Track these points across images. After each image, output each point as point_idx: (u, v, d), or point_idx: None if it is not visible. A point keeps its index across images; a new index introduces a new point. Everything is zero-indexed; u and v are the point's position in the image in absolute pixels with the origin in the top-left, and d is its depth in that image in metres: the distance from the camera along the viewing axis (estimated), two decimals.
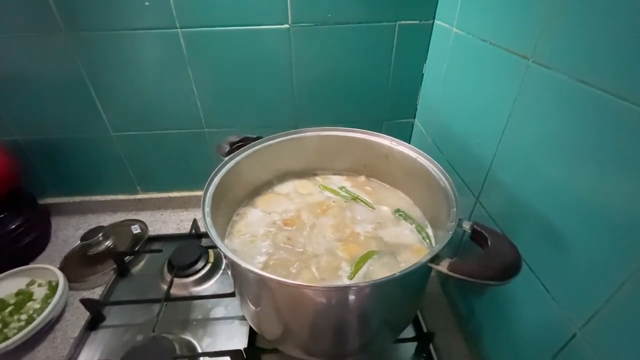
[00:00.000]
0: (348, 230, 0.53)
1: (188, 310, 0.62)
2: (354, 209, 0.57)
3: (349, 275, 0.46)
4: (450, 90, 0.59)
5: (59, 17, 0.60)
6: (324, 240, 0.51)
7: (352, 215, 0.56)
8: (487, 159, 0.47)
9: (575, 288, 0.33)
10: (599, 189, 0.30)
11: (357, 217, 0.56)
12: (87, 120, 0.72)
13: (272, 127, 0.64)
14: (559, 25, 0.34)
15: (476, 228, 0.38)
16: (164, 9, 0.60)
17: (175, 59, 0.65)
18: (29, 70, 0.66)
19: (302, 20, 0.62)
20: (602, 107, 0.29)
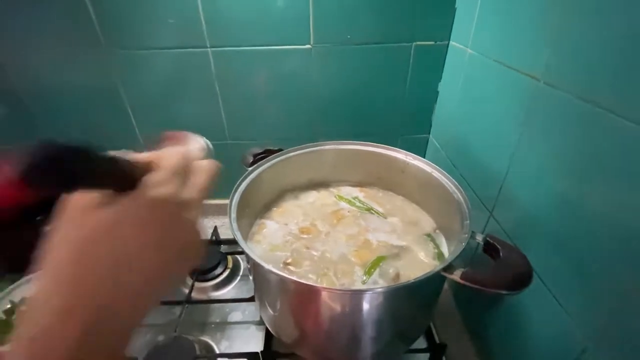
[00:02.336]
0: (362, 238, 0.55)
1: (207, 314, 0.64)
2: (367, 219, 0.59)
3: (363, 280, 0.47)
4: (465, 108, 0.62)
5: (101, 34, 0.66)
6: (339, 247, 0.53)
7: (366, 224, 0.58)
8: (500, 174, 0.49)
9: (587, 301, 0.34)
10: (608, 204, 0.32)
11: (370, 226, 0.58)
12: (120, 130, 0.77)
13: (292, 140, 0.67)
14: (567, 48, 0.36)
15: (489, 240, 0.39)
16: (197, 31, 0.65)
17: (204, 76, 0.70)
18: (69, 83, 0.72)
19: (323, 41, 0.67)
20: (609, 128, 0.31)
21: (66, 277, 0.19)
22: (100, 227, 0.20)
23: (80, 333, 0.18)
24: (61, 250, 0.20)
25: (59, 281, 0.19)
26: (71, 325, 0.18)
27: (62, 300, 0.19)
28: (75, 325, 0.18)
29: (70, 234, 0.20)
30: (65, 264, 0.20)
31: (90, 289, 0.19)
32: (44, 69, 0.70)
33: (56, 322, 0.18)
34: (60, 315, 0.18)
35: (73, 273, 0.19)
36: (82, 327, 0.18)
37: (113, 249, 0.20)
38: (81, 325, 0.18)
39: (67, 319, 0.18)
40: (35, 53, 0.68)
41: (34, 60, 0.69)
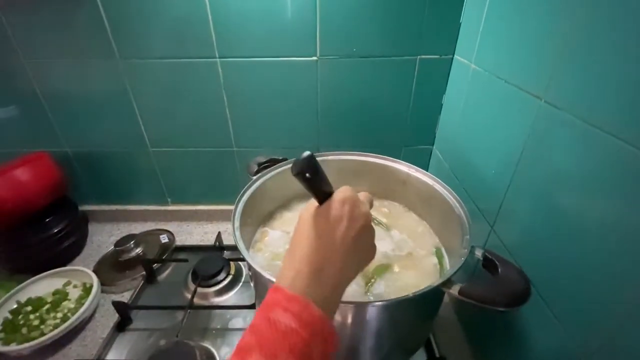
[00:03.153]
0: None
1: (208, 319, 0.65)
2: None
3: (365, 289, 0.48)
4: (468, 121, 0.62)
5: (115, 45, 0.69)
6: None
7: None
8: (502, 189, 0.49)
9: (584, 317, 0.34)
10: (608, 224, 0.32)
11: None
12: (129, 136, 0.79)
13: (296, 149, 0.68)
14: (568, 69, 0.37)
15: (487, 256, 0.40)
16: (207, 42, 0.67)
17: (212, 85, 0.72)
18: (83, 90, 0.75)
19: (329, 54, 0.68)
20: (609, 150, 0.31)
21: (308, 252, 0.31)
22: (319, 217, 0.32)
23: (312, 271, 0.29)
24: (301, 237, 0.32)
25: (305, 255, 0.30)
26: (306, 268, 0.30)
27: (310, 267, 0.29)
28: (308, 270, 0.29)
29: (304, 226, 0.32)
30: (305, 245, 0.31)
31: (316, 246, 0.31)
32: (62, 76, 0.73)
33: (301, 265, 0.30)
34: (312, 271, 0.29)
35: (312, 247, 0.31)
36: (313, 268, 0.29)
37: (325, 221, 0.32)
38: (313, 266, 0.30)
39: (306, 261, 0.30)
40: (56, 61, 0.71)
41: (54, 68, 0.72)
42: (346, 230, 0.31)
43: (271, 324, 0.26)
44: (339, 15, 0.64)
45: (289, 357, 0.25)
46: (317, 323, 0.27)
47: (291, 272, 0.29)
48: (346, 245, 0.31)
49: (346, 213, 0.32)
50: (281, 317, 0.26)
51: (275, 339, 0.25)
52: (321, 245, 0.30)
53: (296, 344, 0.25)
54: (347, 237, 0.31)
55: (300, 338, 0.26)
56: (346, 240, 0.31)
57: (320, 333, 0.27)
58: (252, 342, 0.26)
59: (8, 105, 0.77)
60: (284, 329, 0.26)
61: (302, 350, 0.25)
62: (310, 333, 0.26)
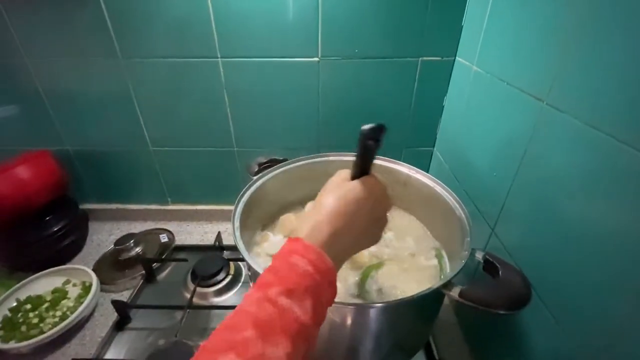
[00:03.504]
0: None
1: (207, 319, 0.65)
2: None
3: (357, 293, 0.48)
4: (469, 123, 0.62)
5: (118, 45, 0.69)
6: None
7: None
8: (503, 191, 0.49)
9: (585, 322, 0.34)
10: (610, 228, 0.32)
11: None
12: (130, 135, 0.79)
13: (297, 150, 0.69)
14: (570, 72, 0.36)
15: (488, 258, 0.40)
16: (208, 42, 0.67)
17: (214, 85, 0.72)
18: (85, 89, 0.75)
19: (330, 55, 0.68)
20: (612, 153, 0.31)
21: (333, 213, 0.33)
22: (353, 185, 0.35)
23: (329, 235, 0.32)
24: (329, 198, 0.34)
25: (329, 214, 0.33)
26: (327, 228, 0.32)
27: (331, 227, 0.32)
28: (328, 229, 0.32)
29: (339, 182, 0.36)
30: (332, 206, 0.34)
31: (342, 211, 0.33)
32: (65, 74, 0.73)
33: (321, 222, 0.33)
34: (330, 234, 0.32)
35: (337, 210, 0.33)
36: (330, 232, 0.32)
37: (355, 196, 0.34)
38: (331, 231, 0.32)
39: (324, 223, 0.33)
40: (58, 59, 0.71)
41: (56, 66, 0.72)
42: (371, 208, 0.35)
43: (290, 265, 0.29)
44: (341, 16, 0.64)
45: (305, 294, 0.28)
46: (328, 271, 0.31)
47: (312, 225, 0.32)
48: (367, 221, 0.35)
49: (378, 194, 0.35)
50: (299, 262, 0.29)
51: (293, 278, 0.29)
52: (347, 212, 0.33)
53: (310, 285, 0.29)
54: (370, 215, 0.35)
55: (314, 281, 0.29)
56: (368, 217, 0.35)
57: (328, 281, 0.31)
58: (272, 279, 0.29)
59: (10, 104, 0.77)
60: (301, 271, 0.29)
61: (314, 291, 0.29)
62: (322, 278, 0.30)
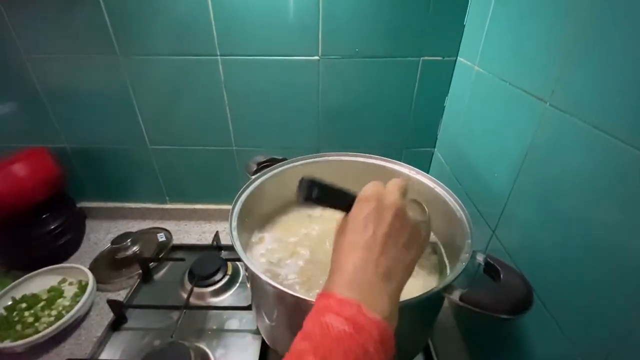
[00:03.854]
0: None
1: (204, 320, 0.64)
2: None
3: None
4: (471, 124, 0.61)
5: (116, 42, 0.68)
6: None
7: None
8: (504, 193, 0.48)
9: (587, 327, 0.34)
10: (613, 231, 0.31)
11: None
12: (128, 133, 0.79)
13: (296, 150, 0.68)
14: (574, 72, 0.36)
15: (489, 261, 0.39)
16: (208, 40, 0.66)
17: (213, 83, 0.71)
18: (83, 87, 0.74)
19: (331, 53, 0.67)
20: (616, 155, 0.30)
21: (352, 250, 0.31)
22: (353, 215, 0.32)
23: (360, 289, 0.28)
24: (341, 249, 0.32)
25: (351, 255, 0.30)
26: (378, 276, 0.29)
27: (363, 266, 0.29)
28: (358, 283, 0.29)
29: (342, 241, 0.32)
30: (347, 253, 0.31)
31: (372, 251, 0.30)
32: (63, 71, 0.72)
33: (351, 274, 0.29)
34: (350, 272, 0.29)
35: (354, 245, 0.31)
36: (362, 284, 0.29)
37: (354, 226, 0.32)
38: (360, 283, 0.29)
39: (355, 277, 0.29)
40: (56, 56, 0.70)
41: (54, 63, 0.71)
42: (375, 228, 0.30)
43: (324, 328, 0.25)
44: (341, 15, 0.64)
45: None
46: (372, 326, 0.26)
47: (338, 279, 0.29)
48: (381, 242, 0.30)
49: (372, 211, 0.31)
50: (334, 322, 0.26)
51: (329, 343, 0.25)
52: (357, 251, 0.30)
53: (350, 347, 0.25)
54: (379, 235, 0.30)
55: (355, 342, 0.25)
56: (380, 239, 0.30)
57: (378, 337, 0.26)
58: (306, 347, 0.25)
59: (8, 101, 0.76)
60: (337, 333, 0.25)
61: (357, 354, 0.24)
62: (366, 337, 0.25)
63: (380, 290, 0.29)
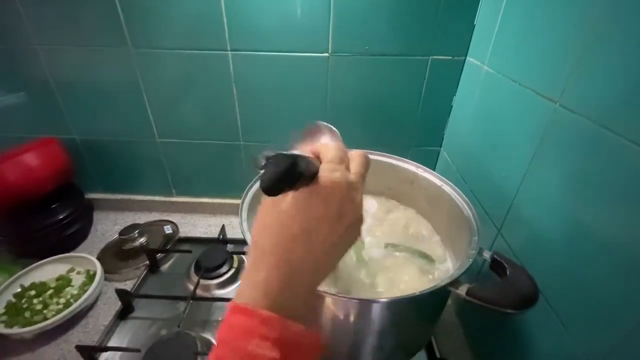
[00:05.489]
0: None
1: (209, 311, 0.65)
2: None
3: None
4: (478, 124, 0.62)
5: (128, 35, 0.69)
6: None
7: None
8: (511, 193, 0.49)
9: (591, 325, 0.34)
10: (620, 232, 0.32)
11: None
12: (137, 126, 0.79)
13: None
14: (586, 73, 0.36)
15: (496, 258, 0.40)
16: (219, 34, 0.67)
17: (223, 78, 0.72)
18: (94, 79, 0.75)
19: (341, 51, 0.68)
20: (624, 154, 0.31)
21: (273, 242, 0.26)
22: (295, 204, 0.26)
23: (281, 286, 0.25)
24: (268, 221, 0.27)
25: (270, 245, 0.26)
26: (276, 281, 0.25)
27: (274, 258, 0.26)
28: (280, 279, 0.25)
29: (273, 209, 0.27)
30: (273, 233, 0.26)
31: (289, 248, 0.26)
32: (74, 63, 0.73)
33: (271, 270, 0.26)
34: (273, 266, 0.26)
35: (277, 240, 0.26)
36: (283, 281, 0.25)
37: (301, 220, 0.26)
38: (283, 279, 0.25)
39: (275, 269, 0.25)
40: (68, 48, 0.71)
41: (66, 55, 0.72)
42: (331, 231, 0.26)
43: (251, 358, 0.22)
44: (352, 13, 0.64)
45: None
46: (298, 340, 0.24)
47: (260, 284, 0.25)
48: (327, 247, 0.26)
49: (334, 209, 0.26)
50: (261, 349, 0.22)
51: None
52: (296, 249, 0.26)
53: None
54: (330, 239, 0.26)
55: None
56: (328, 243, 0.26)
57: (304, 348, 0.25)
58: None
59: (20, 91, 0.77)
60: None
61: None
62: (295, 353, 0.24)
63: (307, 295, 0.27)
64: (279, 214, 0.26)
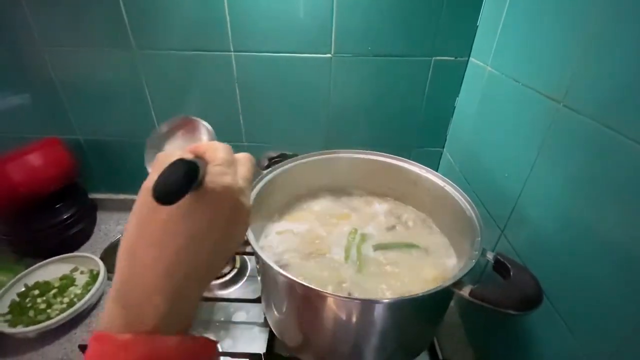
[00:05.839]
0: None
1: (212, 312, 0.65)
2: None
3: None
4: (481, 125, 0.62)
5: (132, 36, 0.69)
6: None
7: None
8: (514, 194, 0.49)
9: (595, 327, 0.34)
10: (625, 234, 0.31)
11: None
12: (141, 126, 0.79)
13: (306, 146, 0.69)
14: (591, 72, 0.36)
15: (499, 259, 0.39)
16: (222, 36, 0.67)
17: (226, 79, 0.72)
18: (99, 80, 0.75)
19: (343, 51, 0.68)
20: (628, 154, 0.31)
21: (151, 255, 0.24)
22: (181, 211, 0.23)
23: (166, 302, 0.23)
24: (147, 231, 0.24)
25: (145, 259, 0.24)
26: (159, 296, 0.23)
27: (153, 273, 0.23)
28: (163, 295, 0.23)
29: (154, 216, 0.24)
30: (150, 244, 0.24)
31: (174, 261, 0.23)
32: (79, 64, 0.74)
33: (149, 293, 0.23)
34: (150, 288, 0.23)
35: (160, 253, 0.23)
36: (168, 297, 0.23)
37: (188, 228, 0.24)
38: (167, 294, 0.23)
39: (156, 291, 0.23)
40: (73, 50, 0.72)
41: (71, 56, 0.73)
42: (218, 239, 0.25)
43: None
44: (355, 14, 0.64)
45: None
46: (176, 353, 0.23)
47: (132, 302, 0.23)
48: (213, 256, 0.25)
49: (223, 215, 0.25)
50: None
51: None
52: (181, 261, 0.23)
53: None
54: (217, 247, 0.25)
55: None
56: (215, 251, 0.25)
57: (188, 358, 0.23)
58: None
59: (25, 92, 0.78)
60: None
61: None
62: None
63: (189, 310, 0.25)
64: (161, 222, 0.23)
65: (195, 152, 0.27)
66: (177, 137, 0.53)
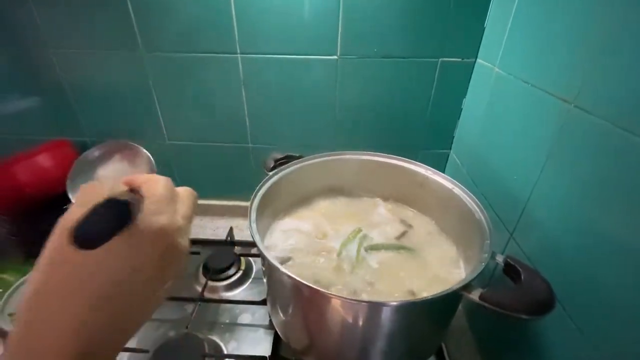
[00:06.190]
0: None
1: (217, 313, 0.65)
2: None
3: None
4: (489, 126, 0.61)
5: (140, 38, 0.70)
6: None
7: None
8: (524, 197, 0.48)
9: (609, 330, 0.33)
10: (637, 236, 0.31)
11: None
12: (148, 128, 0.80)
13: (312, 148, 0.69)
14: (603, 72, 0.35)
15: (509, 262, 0.39)
16: (229, 38, 0.68)
17: (232, 81, 0.72)
18: (107, 82, 0.76)
19: (349, 53, 0.68)
20: None
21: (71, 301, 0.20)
22: (109, 253, 0.21)
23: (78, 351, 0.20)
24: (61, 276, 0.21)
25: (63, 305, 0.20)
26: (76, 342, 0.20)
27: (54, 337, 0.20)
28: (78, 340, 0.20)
29: (73, 258, 0.20)
30: (56, 293, 0.20)
31: (96, 307, 0.21)
32: (87, 66, 0.74)
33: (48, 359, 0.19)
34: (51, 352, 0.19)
35: (79, 300, 0.20)
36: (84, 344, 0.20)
37: (110, 274, 0.21)
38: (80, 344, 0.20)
39: (58, 356, 0.19)
40: (81, 52, 0.72)
41: (79, 58, 0.73)
42: (148, 283, 0.23)
43: None
44: (361, 15, 0.64)
45: None
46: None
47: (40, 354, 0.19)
48: (142, 299, 0.23)
49: (156, 257, 0.23)
50: None
51: None
52: (104, 308, 0.21)
53: None
54: (146, 291, 0.23)
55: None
56: (144, 296, 0.23)
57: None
58: None
59: (33, 94, 0.79)
60: None
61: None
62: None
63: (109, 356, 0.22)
64: (74, 265, 0.20)
65: (131, 184, 0.24)
66: (113, 161, 0.51)
